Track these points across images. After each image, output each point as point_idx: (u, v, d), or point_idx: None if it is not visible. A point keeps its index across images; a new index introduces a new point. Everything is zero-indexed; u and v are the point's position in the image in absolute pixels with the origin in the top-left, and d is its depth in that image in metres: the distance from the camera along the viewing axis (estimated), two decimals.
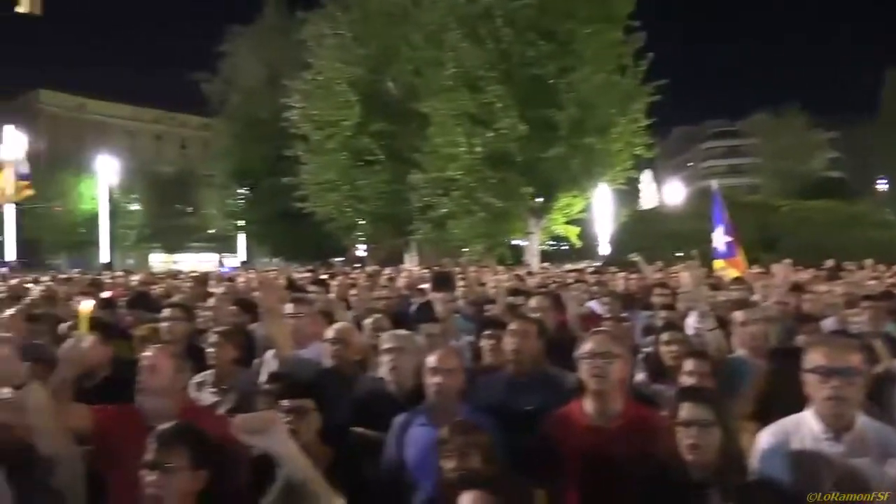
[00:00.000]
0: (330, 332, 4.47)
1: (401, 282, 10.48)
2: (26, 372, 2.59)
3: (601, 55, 21.10)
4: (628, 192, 32.77)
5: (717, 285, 7.66)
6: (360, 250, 37.25)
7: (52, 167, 47.55)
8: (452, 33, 21.63)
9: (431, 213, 24.39)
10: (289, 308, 4.75)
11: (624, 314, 6.41)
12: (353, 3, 27.72)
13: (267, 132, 35.56)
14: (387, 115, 26.02)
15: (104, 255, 41.22)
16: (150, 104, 71.23)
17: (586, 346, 3.32)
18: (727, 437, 2.83)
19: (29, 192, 29.40)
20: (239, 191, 40.91)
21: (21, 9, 13.74)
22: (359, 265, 29.33)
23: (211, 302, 6.75)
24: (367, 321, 5.04)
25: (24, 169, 28.31)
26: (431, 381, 3.50)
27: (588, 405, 3.28)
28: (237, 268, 34.33)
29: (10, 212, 37.17)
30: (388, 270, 15.45)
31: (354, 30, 27.24)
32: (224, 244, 54.75)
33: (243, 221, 42.06)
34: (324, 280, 10.13)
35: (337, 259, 37.86)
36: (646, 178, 59.16)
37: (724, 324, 4.73)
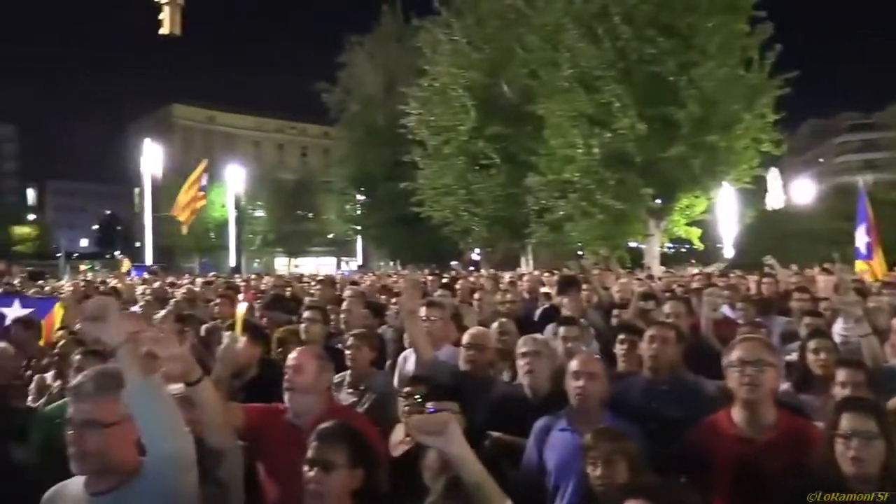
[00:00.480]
0: (466, 337, 4.48)
1: (523, 285, 10.44)
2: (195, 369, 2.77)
3: (725, 48, 20.20)
4: (753, 191, 31.16)
5: (861, 289, 7.19)
6: (475, 253, 37.38)
7: (185, 176, 50.44)
8: (568, 33, 21.30)
9: (548, 215, 24.13)
10: (423, 312, 4.80)
11: (758, 319, 6.18)
12: (466, 8, 27.86)
13: (385, 139, 36.31)
14: (502, 119, 25.93)
15: (232, 259, 43.44)
16: (272, 114, 74.64)
17: (735, 354, 3.15)
18: (891, 450, 2.67)
19: (203, 202, 31.76)
20: (357, 196, 41.99)
21: (163, 31, 14.70)
22: (474, 268, 29.49)
23: (342, 305, 6.94)
24: (494, 325, 5.02)
25: (203, 181, 30.59)
26: (574, 385, 3.47)
27: (737, 415, 3.13)
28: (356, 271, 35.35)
29: (148, 219, 39.88)
30: (508, 274, 15.39)
31: (469, 35, 27.35)
32: (343, 248, 56.53)
33: (361, 226, 43.17)
34: (451, 284, 10.18)
35: (452, 262, 38.24)
36: (772, 175, 56.15)
37: (876, 330, 4.45)
